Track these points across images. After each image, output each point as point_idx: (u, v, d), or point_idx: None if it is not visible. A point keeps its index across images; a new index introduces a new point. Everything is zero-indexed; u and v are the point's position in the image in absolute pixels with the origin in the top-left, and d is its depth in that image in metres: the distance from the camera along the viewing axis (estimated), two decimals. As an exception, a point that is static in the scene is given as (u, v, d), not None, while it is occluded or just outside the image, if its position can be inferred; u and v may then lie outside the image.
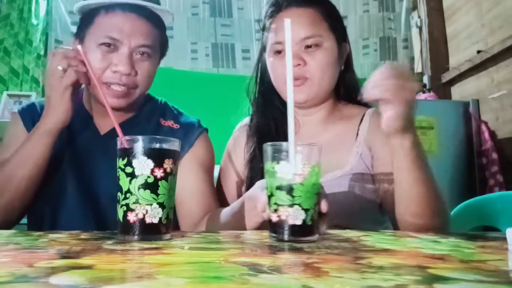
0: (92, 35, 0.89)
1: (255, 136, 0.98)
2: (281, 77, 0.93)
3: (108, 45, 0.88)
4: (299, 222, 0.57)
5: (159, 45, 0.96)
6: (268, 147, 0.60)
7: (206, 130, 1.02)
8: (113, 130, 0.93)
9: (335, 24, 0.96)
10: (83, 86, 0.95)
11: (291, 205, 0.57)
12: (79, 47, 0.78)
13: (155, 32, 0.93)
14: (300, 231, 0.57)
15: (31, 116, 0.97)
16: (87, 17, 0.91)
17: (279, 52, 0.93)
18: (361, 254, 0.47)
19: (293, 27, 0.92)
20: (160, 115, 1.01)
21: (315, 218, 0.58)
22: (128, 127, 0.93)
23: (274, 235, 0.58)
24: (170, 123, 0.99)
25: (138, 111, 0.99)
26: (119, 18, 0.88)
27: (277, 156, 0.58)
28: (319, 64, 0.91)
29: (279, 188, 0.58)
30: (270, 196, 0.59)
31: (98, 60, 0.87)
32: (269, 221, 0.59)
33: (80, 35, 0.92)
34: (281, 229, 0.57)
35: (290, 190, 0.57)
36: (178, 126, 0.99)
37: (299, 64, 0.90)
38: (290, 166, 0.57)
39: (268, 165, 0.60)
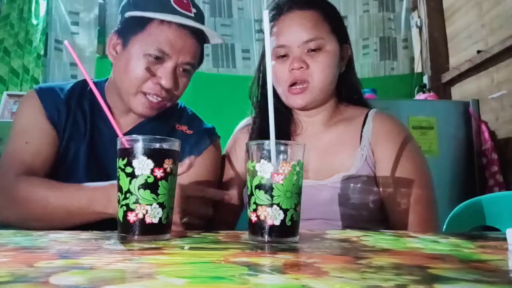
0: (139, 42, 0.87)
1: (258, 138, 0.98)
2: (282, 81, 0.92)
3: (156, 57, 0.86)
4: (277, 222, 0.56)
5: (199, 60, 0.96)
6: (250, 146, 0.59)
7: (219, 138, 1.02)
8: (131, 131, 0.93)
9: (337, 26, 0.95)
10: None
11: (270, 205, 0.56)
12: (65, 42, 0.74)
13: (199, 49, 0.93)
14: (279, 232, 0.56)
15: (53, 100, 0.92)
16: (137, 23, 0.88)
17: (282, 56, 0.93)
18: (361, 254, 0.47)
19: (295, 30, 0.93)
20: (176, 119, 1.00)
21: (295, 219, 0.57)
22: (143, 130, 0.93)
23: (252, 235, 0.57)
24: (184, 128, 0.99)
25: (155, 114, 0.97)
26: (172, 32, 0.86)
27: (258, 154, 0.57)
28: (321, 67, 0.91)
29: (258, 187, 0.57)
30: (250, 196, 0.58)
31: (141, 69, 0.86)
32: (249, 221, 0.58)
33: (124, 38, 0.90)
34: (260, 229, 0.56)
35: (269, 189, 0.56)
36: (191, 132, 0.98)
37: (302, 67, 0.90)
38: (270, 165, 0.56)
39: (249, 163, 0.59)
